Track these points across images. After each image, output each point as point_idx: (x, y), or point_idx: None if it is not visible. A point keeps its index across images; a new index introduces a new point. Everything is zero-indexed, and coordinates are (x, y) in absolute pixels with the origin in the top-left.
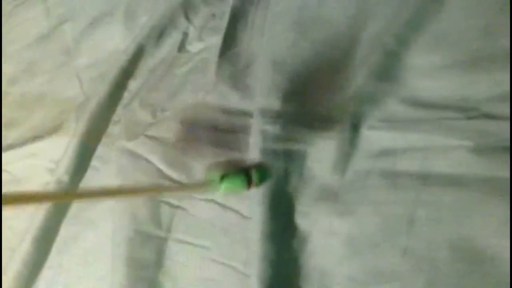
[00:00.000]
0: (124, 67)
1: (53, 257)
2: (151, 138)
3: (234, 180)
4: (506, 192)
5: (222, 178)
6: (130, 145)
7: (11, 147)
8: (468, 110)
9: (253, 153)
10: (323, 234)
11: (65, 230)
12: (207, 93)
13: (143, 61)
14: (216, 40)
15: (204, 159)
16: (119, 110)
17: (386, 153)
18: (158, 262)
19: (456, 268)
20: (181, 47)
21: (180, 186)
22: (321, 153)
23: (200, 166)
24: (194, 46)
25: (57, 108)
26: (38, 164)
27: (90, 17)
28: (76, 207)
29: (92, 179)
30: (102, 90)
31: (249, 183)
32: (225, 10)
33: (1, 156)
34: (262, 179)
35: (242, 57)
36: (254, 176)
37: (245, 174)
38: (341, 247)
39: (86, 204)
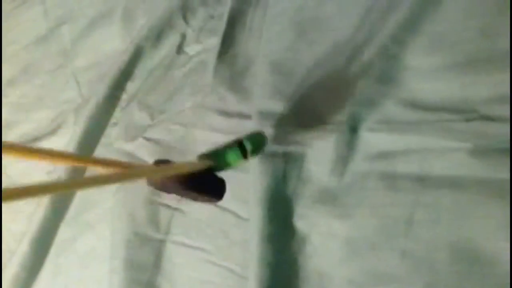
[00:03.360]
0: (122, 68)
1: (51, 259)
2: (150, 140)
3: (227, 155)
4: (505, 194)
5: (215, 155)
6: (129, 147)
7: None
8: (467, 112)
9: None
10: (322, 236)
11: (63, 232)
12: (205, 95)
13: (141, 63)
14: (214, 42)
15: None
16: (117, 112)
17: (384, 155)
18: (156, 264)
19: (455, 270)
20: (179, 49)
21: (169, 167)
22: (319, 155)
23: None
24: (192, 48)
25: (55, 110)
26: (36, 166)
27: (88, 19)
28: (74, 210)
29: None
30: (100, 92)
31: (244, 154)
32: (223, 12)
33: (1, 157)
34: (257, 147)
35: (240, 59)
36: (248, 145)
37: (238, 145)
38: (340, 249)
39: (84, 206)
